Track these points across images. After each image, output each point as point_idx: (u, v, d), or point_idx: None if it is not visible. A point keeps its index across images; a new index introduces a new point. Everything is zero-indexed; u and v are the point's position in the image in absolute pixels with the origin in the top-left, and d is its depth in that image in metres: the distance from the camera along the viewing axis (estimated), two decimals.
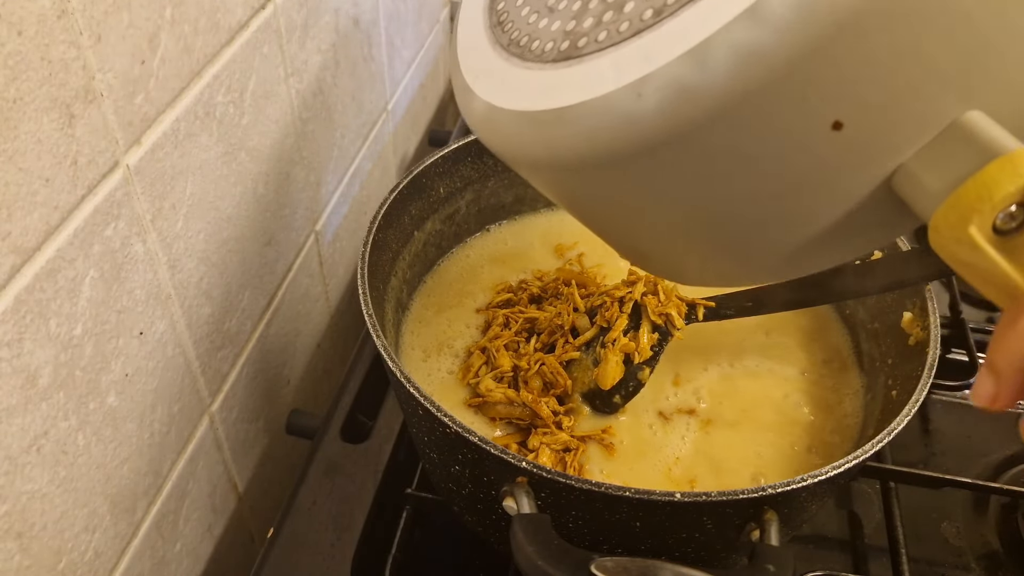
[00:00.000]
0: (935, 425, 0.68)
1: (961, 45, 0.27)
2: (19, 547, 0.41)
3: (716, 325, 0.56)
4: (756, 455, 0.53)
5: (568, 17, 0.34)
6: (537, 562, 0.39)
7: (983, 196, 0.27)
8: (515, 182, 0.67)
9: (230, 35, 0.52)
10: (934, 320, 0.51)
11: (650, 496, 0.41)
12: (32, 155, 0.36)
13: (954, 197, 0.28)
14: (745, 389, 0.57)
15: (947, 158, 0.29)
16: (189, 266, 0.51)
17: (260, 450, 0.68)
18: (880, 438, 0.44)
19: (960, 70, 0.28)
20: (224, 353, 0.59)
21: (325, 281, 0.76)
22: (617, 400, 0.54)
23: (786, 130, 0.29)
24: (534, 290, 0.61)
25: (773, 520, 0.42)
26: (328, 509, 0.58)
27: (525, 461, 0.42)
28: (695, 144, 0.30)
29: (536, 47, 0.34)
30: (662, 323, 0.54)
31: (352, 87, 0.74)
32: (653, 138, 0.30)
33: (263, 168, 0.59)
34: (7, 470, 0.39)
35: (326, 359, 0.79)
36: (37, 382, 0.40)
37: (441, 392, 0.56)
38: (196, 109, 0.49)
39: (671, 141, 0.30)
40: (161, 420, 0.52)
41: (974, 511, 0.62)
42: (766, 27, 0.26)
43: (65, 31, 0.37)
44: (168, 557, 0.56)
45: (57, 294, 0.40)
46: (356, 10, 0.71)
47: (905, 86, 0.28)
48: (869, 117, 0.28)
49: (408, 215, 0.60)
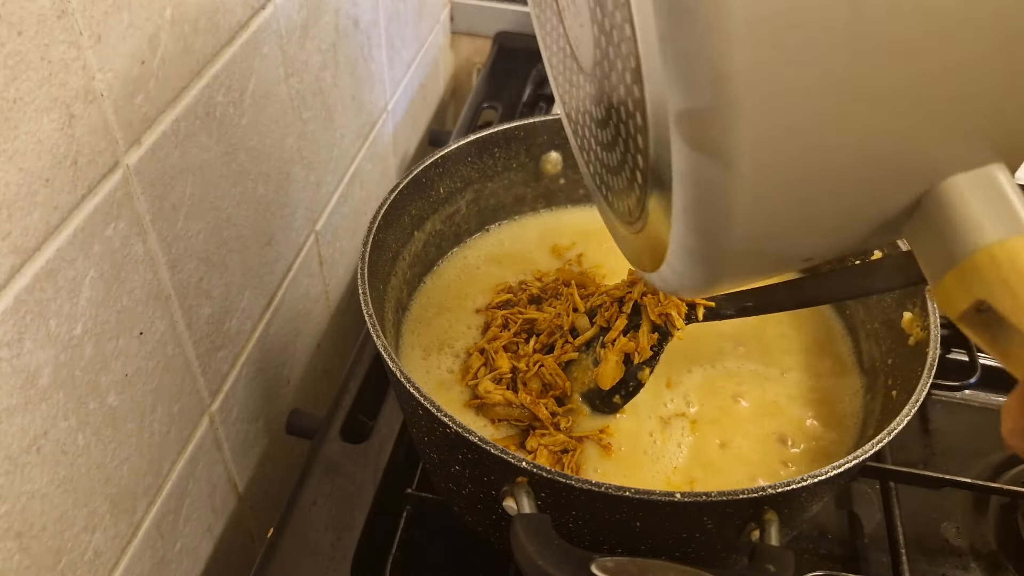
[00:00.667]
0: (935, 425, 0.67)
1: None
2: (19, 547, 0.41)
3: (715, 325, 0.56)
4: (755, 455, 0.53)
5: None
6: (537, 562, 0.39)
7: (944, 306, 0.28)
8: (515, 183, 0.67)
9: (230, 35, 0.52)
10: (934, 320, 0.51)
11: (650, 496, 0.41)
12: (32, 155, 0.36)
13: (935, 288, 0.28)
14: (744, 389, 0.57)
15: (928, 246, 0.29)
16: (189, 266, 0.51)
17: (260, 450, 0.68)
18: (880, 438, 0.44)
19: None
20: (224, 353, 0.59)
21: (325, 281, 0.76)
22: (617, 400, 0.54)
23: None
24: (534, 290, 0.61)
25: (773, 520, 0.42)
26: (328, 509, 0.58)
27: (525, 461, 0.42)
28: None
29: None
30: (662, 323, 0.54)
31: (352, 87, 0.74)
32: None
33: (263, 168, 0.59)
34: (7, 470, 0.39)
35: (326, 359, 0.79)
36: (37, 382, 0.40)
37: (441, 392, 0.56)
38: (196, 109, 0.49)
39: None
40: (161, 420, 0.52)
41: (974, 511, 0.62)
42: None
43: (65, 31, 0.37)
44: (168, 557, 0.56)
45: (57, 294, 0.40)
46: (356, 10, 0.71)
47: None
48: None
49: (408, 215, 0.60)
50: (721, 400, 0.56)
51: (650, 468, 0.52)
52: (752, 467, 0.53)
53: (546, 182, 0.68)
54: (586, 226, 0.69)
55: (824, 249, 0.32)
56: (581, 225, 0.69)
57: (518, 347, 0.57)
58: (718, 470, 0.52)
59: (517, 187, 0.68)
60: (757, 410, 0.56)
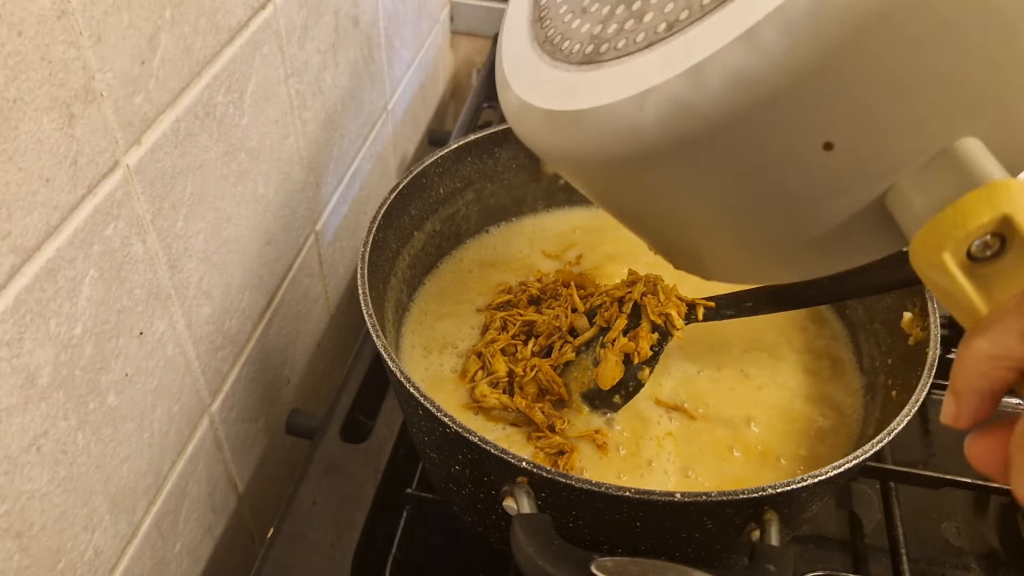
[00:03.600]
0: (935, 425, 0.67)
1: (954, 77, 0.28)
2: (18, 547, 0.41)
3: (715, 326, 0.56)
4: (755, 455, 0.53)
5: (597, 21, 0.35)
6: (537, 562, 0.39)
7: (958, 224, 0.28)
8: (514, 184, 0.67)
9: (230, 35, 0.52)
10: (934, 320, 0.51)
11: (650, 496, 0.41)
12: (32, 155, 0.36)
13: (933, 222, 0.29)
14: (744, 389, 0.57)
15: (934, 182, 0.29)
16: (189, 266, 0.51)
17: (260, 450, 0.68)
18: (880, 438, 0.44)
19: (952, 102, 0.29)
20: (224, 353, 0.59)
21: (325, 281, 0.76)
22: (617, 400, 0.54)
23: (778, 148, 0.30)
24: (533, 291, 0.61)
25: (773, 520, 0.42)
26: (328, 509, 0.58)
27: (525, 461, 0.42)
28: (692, 154, 0.31)
29: (566, 47, 0.36)
30: (662, 323, 0.54)
31: (352, 87, 0.74)
32: (653, 148, 0.31)
33: (263, 168, 0.59)
34: (7, 470, 0.39)
35: (326, 359, 0.79)
36: (37, 382, 0.40)
37: (441, 392, 0.56)
38: (196, 109, 0.49)
39: (669, 151, 0.31)
40: (161, 420, 0.52)
41: (974, 511, 0.62)
42: (758, 54, 0.27)
43: (65, 31, 0.37)
44: (168, 557, 0.56)
45: (57, 294, 0.40)
46: (356, 10, 0.71)
47: (894, 115, 0.29)
48: (859, 141, 0.29)
49: (408, 215, 0.60)
50: (720, 400, 0.56)
51: (648, 469, 0.52)
52: (752, 467, 0.53)
53: (546, 182, 0.68)
54: (586, 226, 0.69)
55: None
56: (581, 225, 0.69)
57: (516, 349, 0.57)
58: (718, 470, 0.52)
59: (517, 187, 0.68)
60: (756, 410, 0.56)
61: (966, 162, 0.29)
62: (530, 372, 0.55)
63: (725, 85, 0.28)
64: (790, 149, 0.30)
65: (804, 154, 0.30)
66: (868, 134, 0.29)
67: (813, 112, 0.29)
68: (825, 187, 0.31)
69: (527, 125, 0.37)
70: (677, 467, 0.52)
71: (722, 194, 0.33)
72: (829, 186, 0.31)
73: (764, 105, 0.28)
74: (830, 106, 0.28)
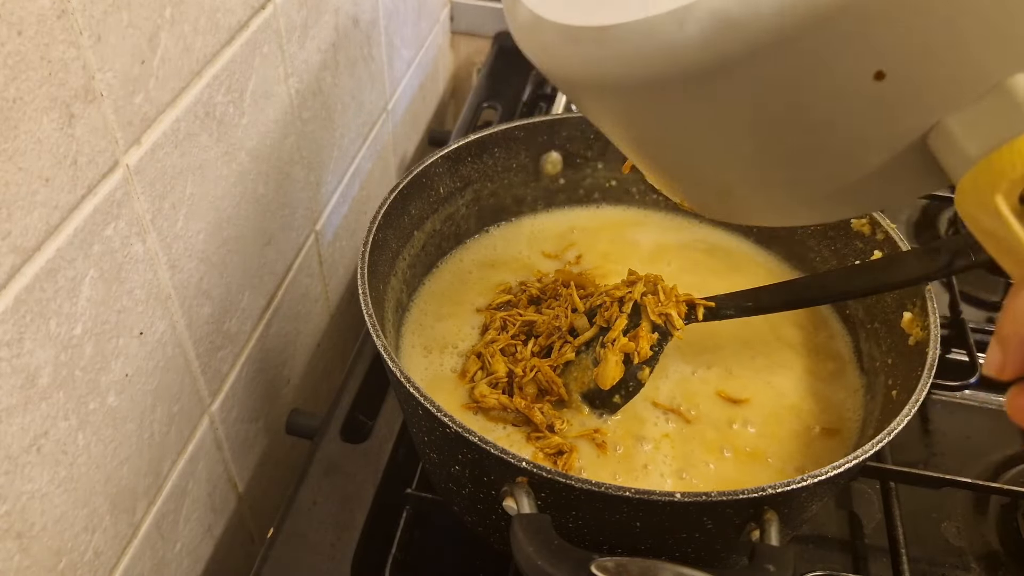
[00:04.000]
0: (935, 425, 0.67)
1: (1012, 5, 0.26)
2: (19, 547, 0.41)
3: (715, 325, 0.56)
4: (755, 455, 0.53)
5: None
6: (537, 562, 0.39)
7: (1015, 165, 0.26)
8: (514, 184, 0.67)
9: (230, 35, 0.52)
10: (934, 320, 0.51)
11: (650, 496, 0.41)
12: (32, 155, 0.36)
13: (986, 162, 0.27)
14: (744, 389, 0.57)
15: (986, 121, 0.28)
16: (189, 266, 0.51)
17: (260, 450, 0.68)
18: (880, 438, 0.44)
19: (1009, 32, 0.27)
20: (224, 353, 0.59)
21: (325, 281, 0.76)
22: (617, 400, 0.54)
23: (828, 73, 0.28)
24: (534, 291, 0.61)
25: (773, 520, 0.42)
26: (328, 509, 0.58)
27: (525, 461, 0.42)
28: (736, 79, 0.28)
29: None
30: (662, 323, 0.54)
31: (352, 87, 0.74)
32: (691, 68, 0.28)
33: (263, 168, 0.59)
34: (7, 470, 0.39)
35: (326, 359, 0.79)
36: (37, 382, 0.40)
37: (441, 392, 0.56)
38: (196, 109, 0.49)
39: (709, 72, 0.28)
40: (161, 420, 0.52)
41: (974, 511, 0.62)
42: None
43: (65, 31, 0.37)
44: (168, 557, 0.56)
45: (57, 294, 0.40)
46: (356, 10, 0.71)
47: (949, 45, 0.27)
48: (912, 71, 0.28)
49: (408, 215, 0.60)
50: (719, 400, 0.56)
51: (647, 469, 0.52)
52: (751, 467, 0.53)
53: (546, 182, 0.68)
54: (586, 226, 0.69)
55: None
56: (581, 225, 0.69)
57: (516, 350, 0.57)
58: (717, 470, 0.52)
59: (517, 187, 0.68)
60: (756, 410, 0.56)
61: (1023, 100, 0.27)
62: (530, 372, 0.55)
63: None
64: (841, 77, 0.28)
65: (854, 83, 0.28)
66: (922, 63, 0.27)
67: (869, 36, 0.27)
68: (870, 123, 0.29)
69: (540, 43, 0.33)
70: (675, 468, 0.52)
71: (761, 126, 0.30)
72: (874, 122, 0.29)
73: (821, 23, 0.26)
74: (887, 29, 0.26)
